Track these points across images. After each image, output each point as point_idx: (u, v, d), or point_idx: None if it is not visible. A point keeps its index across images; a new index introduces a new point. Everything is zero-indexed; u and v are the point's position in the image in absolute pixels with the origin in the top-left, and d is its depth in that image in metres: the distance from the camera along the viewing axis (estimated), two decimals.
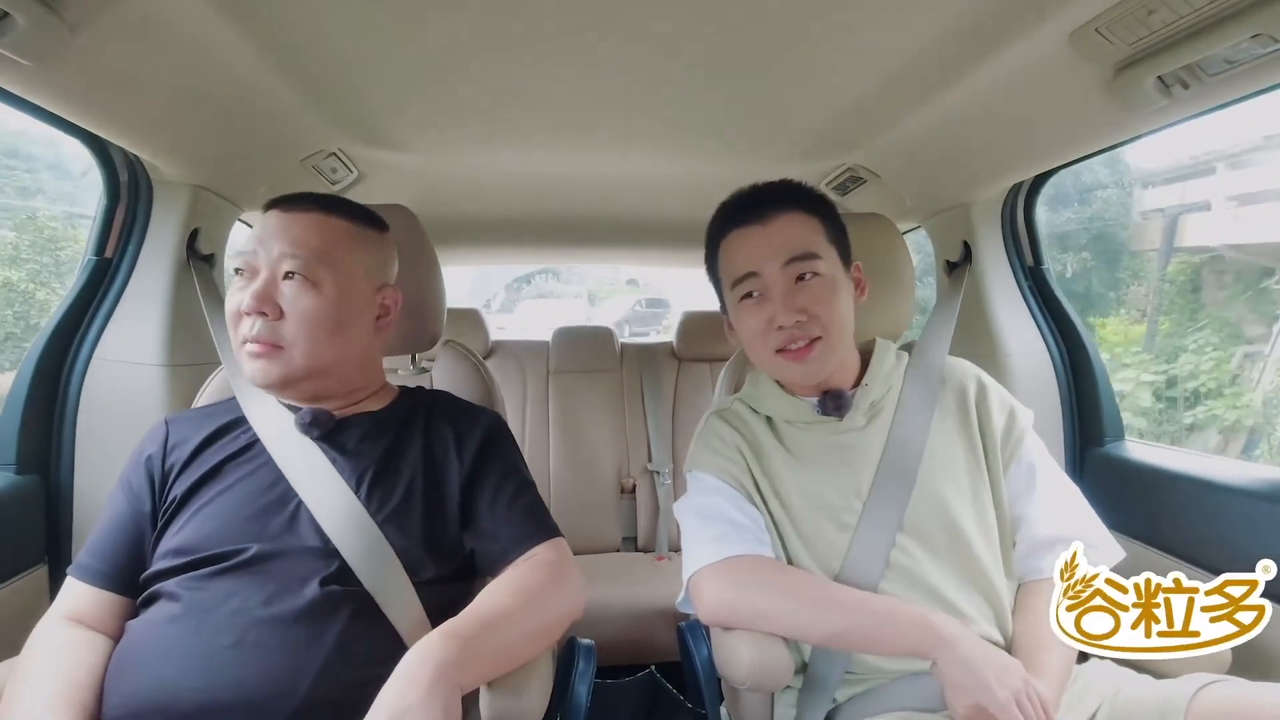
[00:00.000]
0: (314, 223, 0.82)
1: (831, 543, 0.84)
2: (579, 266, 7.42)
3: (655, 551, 1.90)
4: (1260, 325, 3.00)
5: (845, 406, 0.89)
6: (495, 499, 0.84)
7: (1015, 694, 0.69)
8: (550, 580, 0.78)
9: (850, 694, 0.81)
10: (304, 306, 0.79)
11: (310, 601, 0.72)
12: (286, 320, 0.79)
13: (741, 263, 0.88)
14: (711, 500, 0.88)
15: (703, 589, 0.83)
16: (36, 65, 0.78)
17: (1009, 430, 0.90)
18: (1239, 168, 3.18)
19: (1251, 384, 2.94)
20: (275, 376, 0.80)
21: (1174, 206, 3.32)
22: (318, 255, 0.80)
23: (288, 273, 0.79)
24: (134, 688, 0.69)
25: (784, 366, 0.87)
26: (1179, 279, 3.30)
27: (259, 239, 0.81)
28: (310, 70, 1.05)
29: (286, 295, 0.79)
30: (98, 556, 0.79)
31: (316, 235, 0.81)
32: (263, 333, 0.78)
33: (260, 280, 0.79)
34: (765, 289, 0.86)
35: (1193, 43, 0.80)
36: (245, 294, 0.78)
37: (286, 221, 0.82)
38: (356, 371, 0.88)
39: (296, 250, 0.79)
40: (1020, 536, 0.88)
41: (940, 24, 0.90)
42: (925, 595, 0.81)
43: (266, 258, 0.79)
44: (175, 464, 0.82)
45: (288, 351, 0.79)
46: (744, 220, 0.88)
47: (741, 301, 0.88)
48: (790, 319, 0.84)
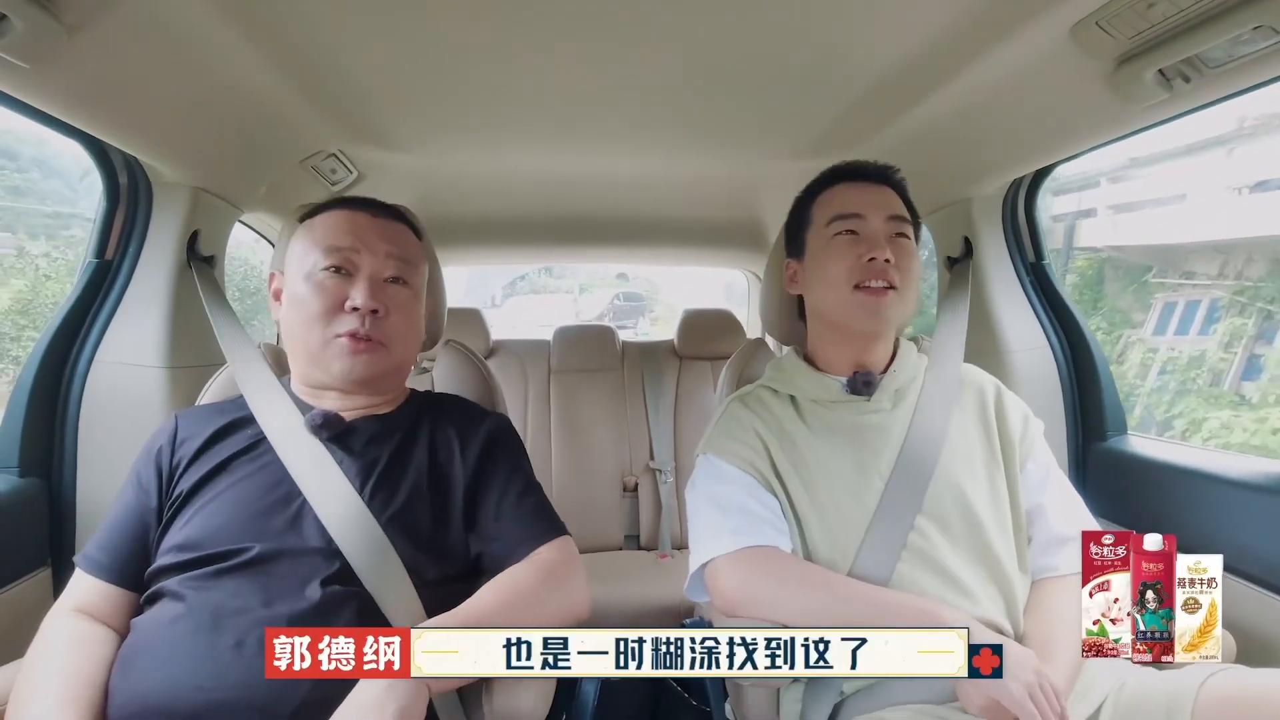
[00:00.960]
0: (402, 231, 0.89)
1: (851, 521, 0.85)
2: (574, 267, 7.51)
3: (658, 549, 1.90)
4: (1141, 313, 3.63)
5: (873, 385, 0.91)
6: (500, 501, 0.84)
7: (1029, 686, 0.69)
8: (545, 579, 0.78)
9: (857, 687, 0.81)
10: (406, 309, 0.85)
11: (312, 603, 0.72)
12: (391, 319, 0.83)
13: (851, 204, 0.92)
14: (728, 489, 0.88)
15: (719, 577, 0.83)
16: (35, 68, 0.78)
17: (1024, 434, 0.92)
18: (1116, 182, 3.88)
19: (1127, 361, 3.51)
20: (376, 370, 0.83)
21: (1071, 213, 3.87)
22: (411, 261, 0.87)
23: (391, 276, 0.84)
24: (137, 687, 0.69)
25: (858, 301, 0.89)
26: (1087, 273, 3.76)
27: (358, 237, 0.84)
28: (309, 72, 1.04)
29: (392, 296, 0.84)
30: (106, 550, 0.79)
31: (408, 243, 0.88)
32: (372, 329, 0.82)
33: (368, 279, 0.82)
34: (866, 230, 0.90)
35: (1194, 35, 0.80)
36: (352, 292, 0.81)
37: (381, 226, 0.86)
38: (404, 376, 0.93)
39: (401, 254, 0.85)
40: (1035, 532, 0.89)
41: (941, 19, 0.90)
42: (941, 578, 0.81)
43: (371, 258, 0.83)
44: (183, 458, 0.83)
45: (389, 348, 0.84)
46: (857, 176, 0.96)
47: (836, 237, 0.92)
48: (885, 254, 0.88)
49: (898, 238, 0.91)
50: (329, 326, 0.82)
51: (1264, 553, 0.96)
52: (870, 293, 0.88)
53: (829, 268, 0.91)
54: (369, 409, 0.88)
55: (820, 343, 0.97)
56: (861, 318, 0.90)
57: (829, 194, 0.96)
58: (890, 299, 0.88)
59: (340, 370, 0.82)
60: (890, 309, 0.88)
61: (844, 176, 0.96)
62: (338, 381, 0.85)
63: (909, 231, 0.93)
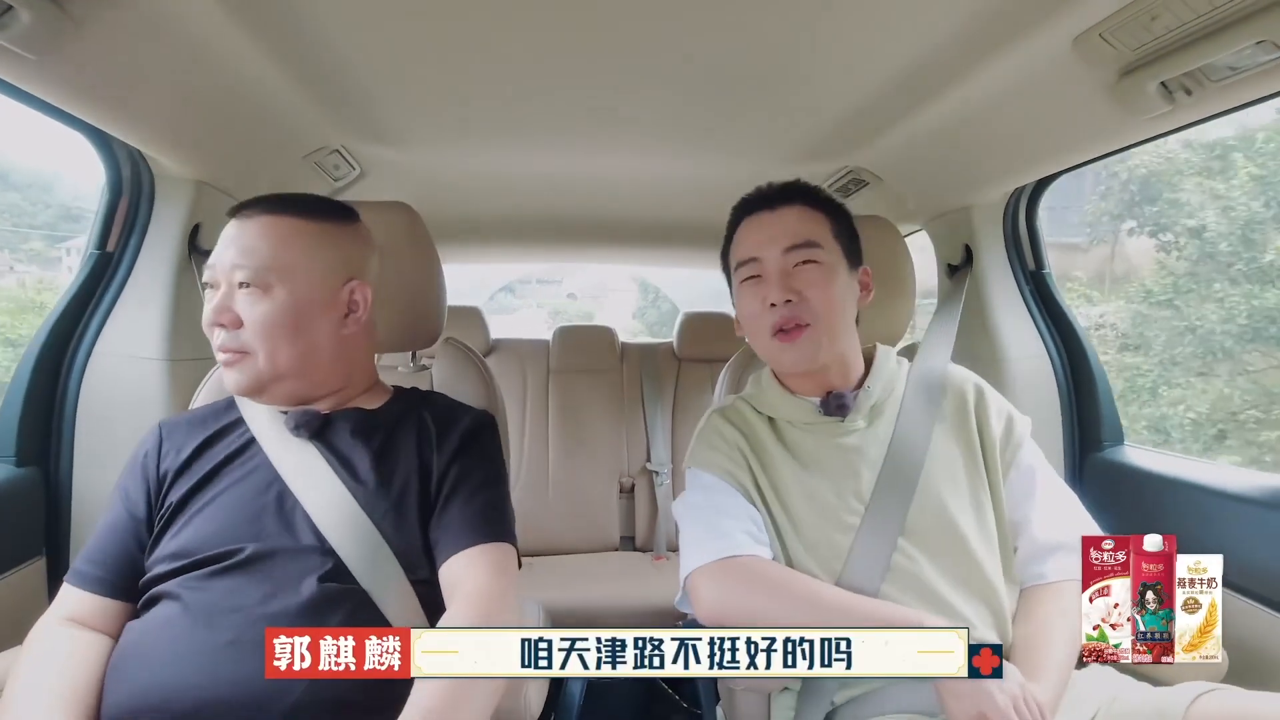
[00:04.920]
0: (261, 228, 0.82)
1: (833, 544, 0.84)
2: (535, 289, 7.96)
3: (653, 551, 1.90)
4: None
5: (847, 407, 0.89)
6: (454, 491, 0.83)
7: (1013, 699, 0.69)
8: (488, 616, 0.73)
9: (848, 696, 0.81)
10: (257, 314, 0.80)
11: (307, 599, 0.72)
12: (245, 328, 0.80)
13: (748, 247, 0.91)
14: (710, 499, 0.87)
15: (700, 589, 0.83)
16: (40, 59, 0.78)
17: (1007, 437, 0.91)
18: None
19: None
20: (245, 382, 0.81)
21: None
22: (265, 261, 0.80)
23: (241, 282, 0.80)
24: (133, 686, 0.69)
25: (777, 349, 0.88)
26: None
27: (218, 251, 0.82)
28: (314, 67, 1.05)
29: (242, 305, 0.80)
30: (96, 564, 0.79)
31: (264, 241, 0.81)
32: (227, 342, 0.80)
33: (219, 293, 0.81)
34: (765, 271, 0.89)
35: (1196, 48, 0.80)
36: (208, 307, 0.81)
37: (238, 231, 0.82)
38: (330, 370, 0.86)
39: (244, 260, 0.80)
40: (1021, 542, 0.88)
41: (944, 28, 0.90)
42: (925, 599, 0.81)
43: (224, 269, 0.81)
44: (170, 470, 0.82)
45: (252, 358, 0.80)
46: (755, 209, 0.93)
47: (743, 284, 0.91)
48: (781, 297, 0.86)
49: (803, 265, 0.87)
50: (214, 345, 0.82)
51: (1258, 566, 0.96)
52: (785, 336, 0.87)
53: (745, 319, 0.92)
54: (344, 401, 0.88)
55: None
56: (786, 363, 0.90)
57: (737, 236, 0.94)
58: (806, 337, 0.86)
59: (226, 383, 0.83)
60: (808, 347, 0.86)
61: (745, 212, 0.93)
62: (236, 394, 0.85)
63: (816, 255, 0.87)
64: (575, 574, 1.75)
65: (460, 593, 0.75)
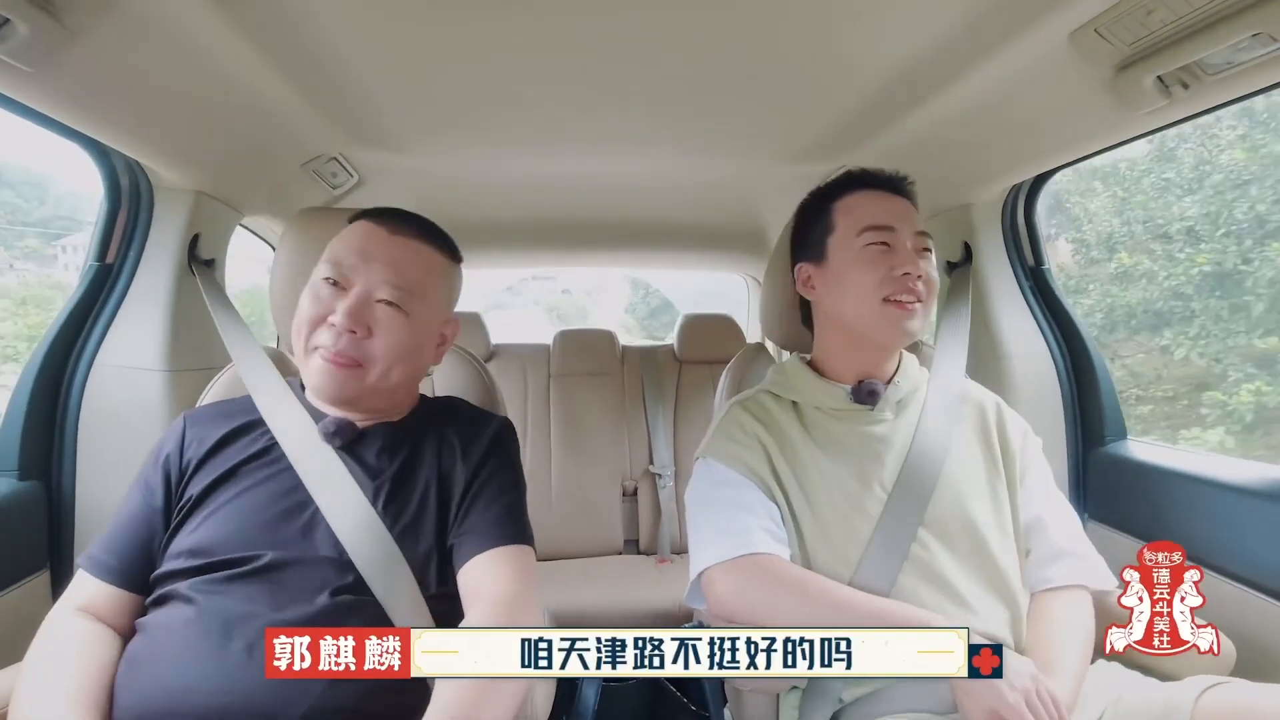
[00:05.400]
0: (414, 250, 0.84)
1: (854, 530, 0.84)
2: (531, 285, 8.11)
3: (657, 554, 1.90)
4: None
5: (878, 395, 0.91)
6: (477, 494, 0.83)
7: (1025, 694, 0.69)
8: (513, 620, 0.73)
9: (856, 695, 0.81)
10: (393, 333, 0.81)
11: (321, 609, 0.72)
12: (373, 340, 0.80)
13: (883, 215, 0.91)
14: (727, 494, 0.87)
15: (716, 585, 0.83)
16: (37, 71, 0.78)
17: (1024, 448, 0.93)
18: None
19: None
20: (350, 392, 0.81)
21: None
22: (413, 285, 0.82)
23: (383, 298, 0.81)
24: (145, 689, 0.69)
25: (893, 315, 0.89)
26: None
27: (359, 253, 0.82)
28: (311, 75, 1.05)
29: (379, 318, 0.80)
30: (112, 553, 0.79)
31: (416, 265, 0.83)
32: (348, 348, 0.79)
33: (354, 297, 0.80)
34: (897, 244, 0.90)
35: (1192, 42, 0.80)
36: (337, 307, 0.79)
37: (389, 244, 0.83)
38: (406, 392, 0.90)
39: (395, 277, 0.81)
40: (1033, 545, 0.89)
41: (940, 24, 0.90)
42: (942, 591, 0.81)
43: (365, 276, 0.81)
44: (191, 461, 0.82)
45: (367, 370, 0.80)
46: (880, 186, 0.94)
47: (868, 247, 0.91)
48: (916, 270, 0.88)
49: (924, 252, 0.91)
50: (311, 337, 0.81)
51: (1262, 559, 0.96)
52: (899, 306, 0.88)
53: (858, 278, 0.90)
54: (381, 416, 0.88)
55: (829, 350, 0.97)
56: (887, 330, 0.90)
57: (853, 200, 0.94)
58: (916, 313, 0.89)
59: (315, 385, 0.82)
60: (915, 323, 0.89)
61: (870, 184, 0.95)
62: (314, 395, 0.85)
63: (931, 246, 0.93)
64: (579, 577, 1.75)
65: (483, 596, 0.75)
